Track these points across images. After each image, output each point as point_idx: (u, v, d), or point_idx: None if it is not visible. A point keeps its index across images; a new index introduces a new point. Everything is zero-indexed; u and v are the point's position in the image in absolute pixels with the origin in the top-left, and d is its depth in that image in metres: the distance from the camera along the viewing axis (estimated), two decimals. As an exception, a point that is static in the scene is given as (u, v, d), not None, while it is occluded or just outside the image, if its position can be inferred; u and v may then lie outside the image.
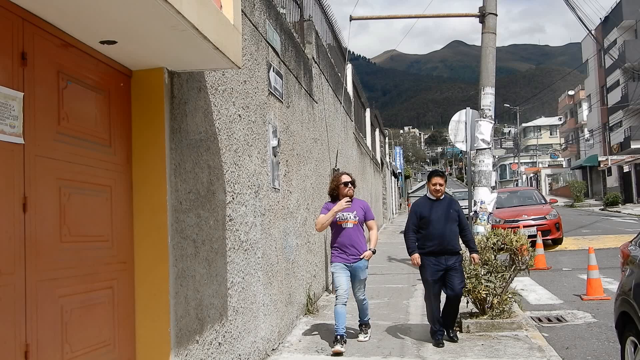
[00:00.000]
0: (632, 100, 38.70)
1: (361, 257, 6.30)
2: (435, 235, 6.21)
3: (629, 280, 4.36)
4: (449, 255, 6.21)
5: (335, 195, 6.50)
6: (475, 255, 6.43)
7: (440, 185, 6.38)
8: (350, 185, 6.46)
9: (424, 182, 23.94)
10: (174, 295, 3.70)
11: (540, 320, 7.43)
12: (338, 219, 6.37)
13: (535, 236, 12.80)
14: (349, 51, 15.55)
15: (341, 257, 6.32)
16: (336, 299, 6.29)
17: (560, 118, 70.06)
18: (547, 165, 65.93)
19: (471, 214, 9.94)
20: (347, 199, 6.32)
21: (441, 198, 6.41)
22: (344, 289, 6.26)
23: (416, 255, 6.27)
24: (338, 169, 10.20)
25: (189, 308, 3.91)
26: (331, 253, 6.47)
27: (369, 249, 6.39)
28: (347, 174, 6.63)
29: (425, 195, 6.57)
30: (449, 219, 6.27)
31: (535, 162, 67.10)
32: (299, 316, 7.49)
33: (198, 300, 4.07)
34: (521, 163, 64.67)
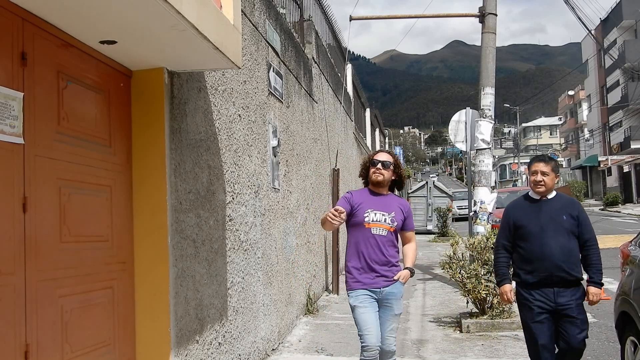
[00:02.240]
0: (632, 100, 38.71)
1: (395, 277, 4.08)
2: (537, 255, 4.01)
3: (629, 280, 4.36)
4: (560, 288, 3.98)
5: (366, 178, 4.33)
6: (593, 289, 4.04)
7: (544, 174, 4.08)
8: (381, 166, 4.15)
9: (424, 182, 23.52)
10: (174, 295, 3.70)
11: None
12: (365, 220, 4.07)
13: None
14: (349, 51, 15.55)
15: (365, 279, 4.03)
16: (362, 352, 3.96)
17: (560, 118, 70.08)
18: (547, 165, 65.82)
19: (471, 214, 9.95)
20: (335, 212, 3.92)
21: (549, 197, 4.15)
22: (374, 335, 3.93)
23: (507, 288, 4.19)
24: (338, 169, 10.20)
25: (189, 308, 3.91)
26: (346, 272, 4.18)
27: (406, 268, 4.19)
28: (387, 152, 4.37)
29: (526, 193, 4.32)
30: (559, 230, 4.02)
31: (535, 162, 66.97)
32: (299, 316, 7.49)
33: (198, 300, 4.07)
34: (521, 163, 64.63)
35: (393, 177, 4.23)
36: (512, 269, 4.27)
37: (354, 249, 4.11)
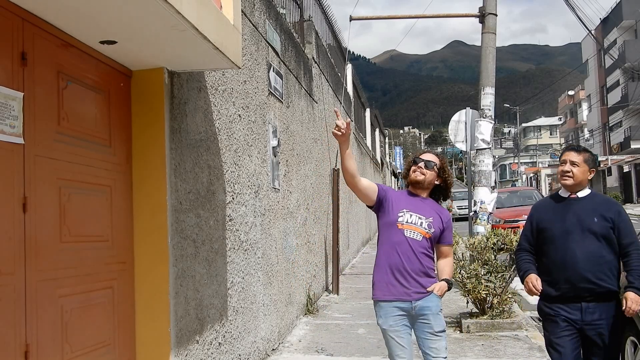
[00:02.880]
0: (632, 100, 38.73)
1: (429, 289, 3.54)
2: (559, 263, 3.45)
3: (629, 280, 4.35)
4: (589, 302, 3.41)
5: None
6: (632, 295, 3.35)
7: (574, 164, 3.52)
8: (423, 165, 3.66)
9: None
10: (174, 295, 3.70)
11: (540, 320, 7.43)
12: (399, 220, 3.58)
13: (535, 236, 12.72)
14: (349, 51, 15.56)
15: (394, 288, 3.53)
16: None
17: (560, 118, 70.14)
18: (547, 165, 65.99)
19: (471, 214, 9.95)
20: (340, 126, 3.41)
21: (580, 196, 3.57)
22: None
23: (532, 277, 3.50)
24: (338, 169, 10.19)
25: (189, 308, 3.91)
26: (373, 279, 3.66)
27: (442, 279, 3.66)
28: (435, 154, 3.84)
29: (556, 192, 3.77)
30: (588, 233, 3.42)
31: (535, 162, 67.15)
32: (299, 316, 7.49)
33: (198, 300, 4.07)
34: (521, 163, 64.71)
35: (437, 182, 3.72)
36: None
37: (383, 252, 3.61)
